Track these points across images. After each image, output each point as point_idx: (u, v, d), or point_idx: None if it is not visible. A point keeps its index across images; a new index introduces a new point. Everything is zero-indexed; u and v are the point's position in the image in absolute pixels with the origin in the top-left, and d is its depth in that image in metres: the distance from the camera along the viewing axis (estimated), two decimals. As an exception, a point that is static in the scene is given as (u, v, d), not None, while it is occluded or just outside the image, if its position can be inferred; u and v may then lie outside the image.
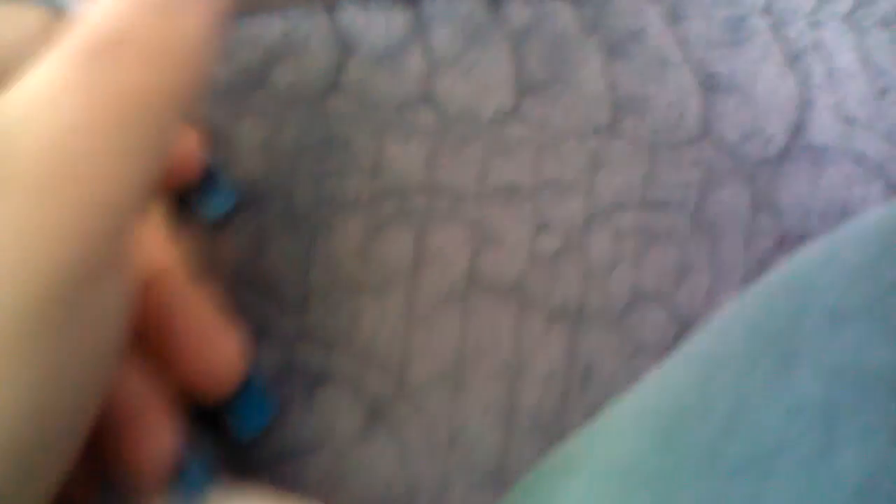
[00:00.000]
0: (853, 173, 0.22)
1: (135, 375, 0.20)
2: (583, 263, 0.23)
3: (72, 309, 0.14)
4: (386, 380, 0.23)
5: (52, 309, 0.13)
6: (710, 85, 0.23)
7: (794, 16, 0.23)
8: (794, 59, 0.23)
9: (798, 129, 0.23)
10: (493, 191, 0.23)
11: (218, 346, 0.20)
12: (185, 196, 0.22)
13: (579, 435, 0.16)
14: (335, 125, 0.24)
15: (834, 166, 0.22)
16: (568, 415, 0.22)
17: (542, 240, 0.23)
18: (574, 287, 0.23)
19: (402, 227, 0.23)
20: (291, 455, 0.22)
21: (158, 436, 0.19)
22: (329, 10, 0.24)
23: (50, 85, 0.14)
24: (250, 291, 0.23)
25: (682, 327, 0.23)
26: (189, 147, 0.20)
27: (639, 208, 0.23)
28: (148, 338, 0.20)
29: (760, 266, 0.23)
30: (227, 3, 0.18)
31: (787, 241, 0.23)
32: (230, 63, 0.24)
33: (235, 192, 0.21)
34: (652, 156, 0.23)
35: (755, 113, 0.23)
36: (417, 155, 0.23)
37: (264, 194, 0.24)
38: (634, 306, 0.23)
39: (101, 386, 0.16)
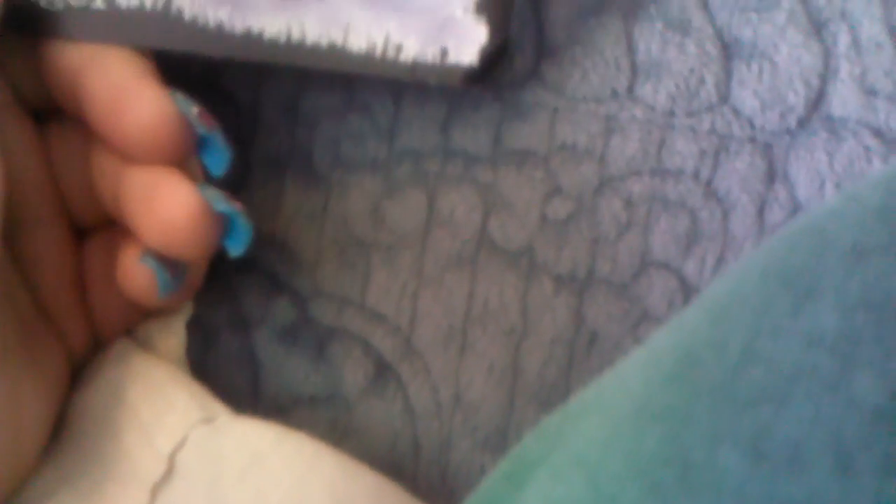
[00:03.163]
0: (872, 146, 0.22)
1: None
2: (593, 229, 0.23)
3: None
4: (394, 338, 0.23)
5: None
6: (732, 51, 0.23)
7: (824, -20, 0.23)
8: (819, 27, 0.22)
9: (819, 99, 0.22)
10: (506, 155, 0.23)
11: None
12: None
13: (591, 384, 0.16)
14: (354, 86, 0.24)
15: (853, 138, 0.22)
16: (572, 380, 0.23)
17: (553, 205, 0.23)
18: (583, 253, 0.23)
19: (416, 190, 0.23)
20: (299, 403, 0.23)
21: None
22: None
23: None
24: (266, 248, 0.24)
25: (691, 296, 0.23)
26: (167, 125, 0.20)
27: (652, 175, 0.23)
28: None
29: (773, 237, 0.22)
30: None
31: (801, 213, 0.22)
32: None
33: (229, 149, 0.21)
34: (668, 122, 0.23)
35: (776, 81, 0.22)
36: (433, 117, 0.23)
37: (283, 154, 0.24)
38: (643, 274, 0.23)
39: None
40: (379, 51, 0.21)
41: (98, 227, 0.23)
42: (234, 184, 0.23)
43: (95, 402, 0.21)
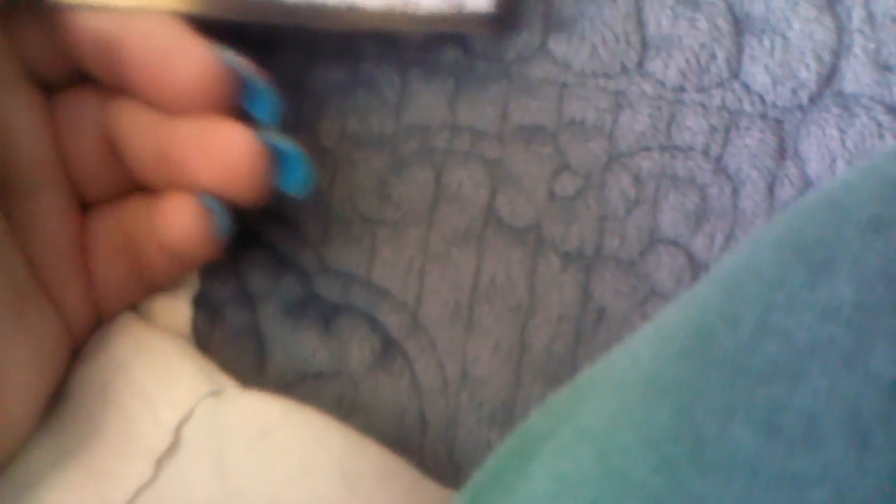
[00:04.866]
0: (885, 122, 0.22)
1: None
2: (601, 206, 0.23)
3: None
4: (400, 315, 0.23)
5: None
6: (743, 25, 0.22)
7: (838, -47, 0.22)
8: (833, 1, 0.22)
9: (831, 75, 0.22)
10: (514, 131, 0.23)
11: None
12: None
13: (600, 360, 0.16)
14: (361, 61, 0.24)
15: (866, 115, 0.22)
16: (579, 357, 0.22)
17: (561, 181, 0.23)
18: (591, 229, 0.23)
19: (423, 165, 0.23)
20: (305, 379, 0.23)
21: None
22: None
23: None
24: (273, 223, 0.24)
25: (699, 273, 0.23)
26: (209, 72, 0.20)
27: (661, 151, 0.23)
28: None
29: (783, 214, 0.22)
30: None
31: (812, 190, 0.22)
32: None
33: (278, 97, 0.21)
34: (678, 98, 0.22)
35: (787, 57, 0.22)
36: (440, 93, 0.23)
37: (291, 129, 0.24)
38: (651, 250, 0.22)
39: None
40: (397, 5, 0.21)
41: (102, 201, 0.22)
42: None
43: (98, 375, 0.21)
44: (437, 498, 0.21)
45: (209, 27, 0.21)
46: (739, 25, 0.22)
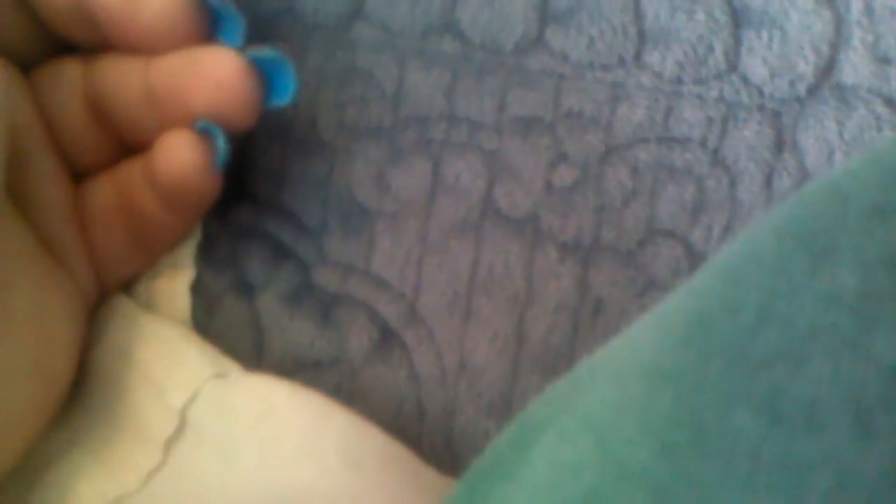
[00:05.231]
0: (884, 115, 0.22)
1: None
2: (599, 197, 0.23)
3: None
4: (398, 305, 0.23)
5: None
6: (741, 18, 0.22)
7: (836, -54, 0.22)
8: (830, -8, 0.22)
9: (829, 67, 0.22)
10: (511, 122, 0.23)
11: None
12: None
13: (599, 349, 0.16)
14: (358, 52, 0.24)
15: (864, 107, 0.22)
16: (576, 348, 0.22)
17: (559, 172, 0.23)
18: (588, 220, 0.23)
19: (421, 156, 0.23)
20: (303, 369, 0.23)
21: None
22: (354, -69, 0.24)
23: None
24: (271, 215, 0.24)
25: (697, 264, 0.23)
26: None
27: (659, 143, 0.23)
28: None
29: (780, 206, 0.22)
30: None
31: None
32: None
33: (242, 17, 0.21)
34: (675, 90, 0.22)
35: (785, 49, 0.22)
36: (438, 84, 0.23)
37: (287, 120, 0.24)
38: (649, 242, 0.23)
39: None
40: None
41: (93, 170, 0.23)
42: (238, 151, 0.23)
43: (103, 362, 0.21)
44: (437, 484, 0.21)
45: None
46: (738, 17, 0.22)
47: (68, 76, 0.22)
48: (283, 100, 0.21)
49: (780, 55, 0.22)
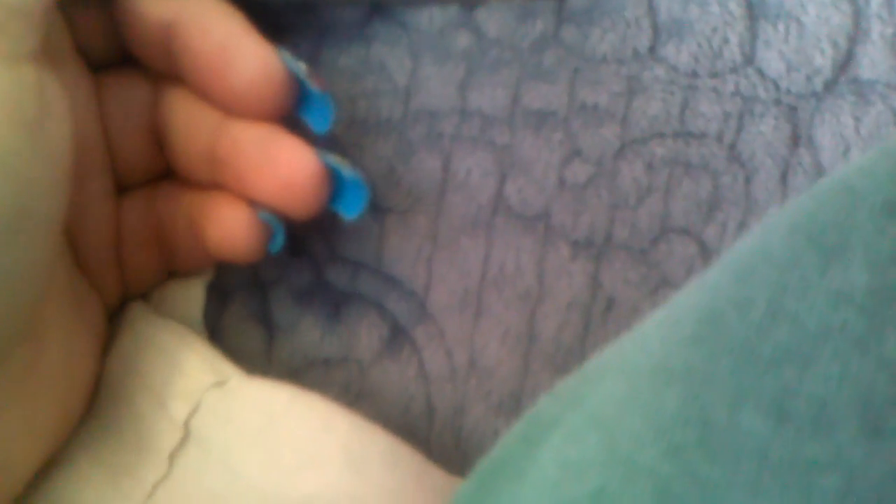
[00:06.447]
0: (902, 109, 0.21)
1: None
2: (612, 194, 0.22)
3: None
4: (409, 303, 0.23)
5: None
6: (757, 10, 0.22)
7: (855, -62, 0.22)
8: (848, -15, 0.22)
9: (847, 61, 0.22)
10: (524, 115, 0.23)
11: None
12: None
13: (609, 346, 0.16)
14: (372, 46, 0.23)
15: (882, 102, 0.21)
16: (587, 346, 0.22)
17: (572, 168, 0.23)
18: (601, 218, 0.22)
19: (431, 152, 0.23)
20: (313, 366, 0.23)
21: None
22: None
23: None
24: (281, 210, 0.24)
25: (710, 262, 0.22)
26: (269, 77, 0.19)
27: (674, 138, 0.22)
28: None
29: (797, 203, 0.22)
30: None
31: (826, 178, 0.22)
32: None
33: (334, 107, 0.20)
34: (691, 83, 0.22)
35: (802, 42, 0.22)
36: (451, 78, 0.23)
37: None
38: (662, 239, 0.22)
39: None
40: None
41: (135, 186, 0.22)
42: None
43: (108, 371, 0.21)
44: (444, 484, 0.21)
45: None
46: (753, 10, 0.22)
47: (136, 96, 0.21)
48: (348, 215, 0.21)
49: (796, 48, 0.22)
